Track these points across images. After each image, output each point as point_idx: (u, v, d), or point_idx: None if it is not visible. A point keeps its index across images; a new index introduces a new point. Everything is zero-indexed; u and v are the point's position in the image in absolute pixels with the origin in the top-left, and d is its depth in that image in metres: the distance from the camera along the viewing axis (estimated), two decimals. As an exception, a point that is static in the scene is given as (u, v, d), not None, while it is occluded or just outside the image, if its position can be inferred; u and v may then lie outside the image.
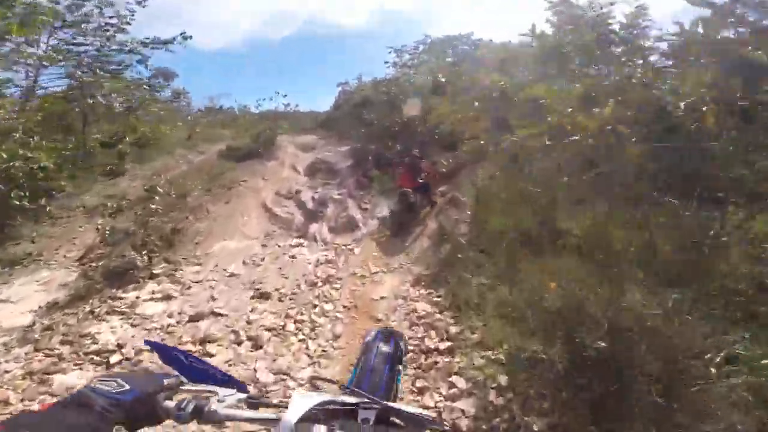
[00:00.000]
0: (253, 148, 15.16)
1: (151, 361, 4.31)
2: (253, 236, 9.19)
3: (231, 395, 0.93)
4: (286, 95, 24.79)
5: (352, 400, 0.95)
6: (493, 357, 3.88)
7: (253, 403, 0.94)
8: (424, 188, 8.90)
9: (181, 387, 0.94)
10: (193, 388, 0.95)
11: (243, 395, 0.95)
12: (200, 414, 0.86)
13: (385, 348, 1.67)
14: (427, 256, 7.53)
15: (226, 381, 1.10)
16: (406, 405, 1.12)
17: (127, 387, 0.79)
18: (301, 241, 9.05)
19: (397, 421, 0.95)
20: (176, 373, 0.98)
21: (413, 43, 18.48)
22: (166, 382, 0.90)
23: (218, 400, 0.90)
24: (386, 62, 17.25)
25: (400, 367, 1.68)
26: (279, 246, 8.75)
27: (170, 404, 0.86)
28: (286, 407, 0.85)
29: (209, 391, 0.94)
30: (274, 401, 0.98)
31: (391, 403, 0.98)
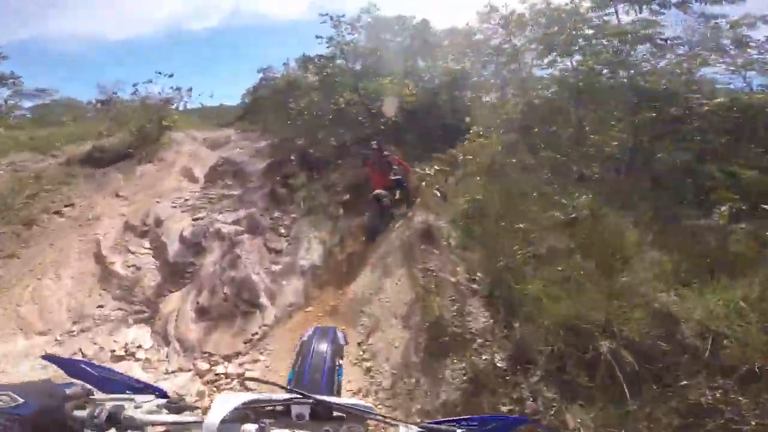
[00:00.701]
0: (130, 147, 10.59)
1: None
2: (43, 327, 4.61)
3: (149, 401, 0.85)
4: (171, 75, 15.81)
5: (282, 396, 0.89)
6: None
7: (174, 408, 0.85)
8: (399, 184, 6.73)
9: (90, 396, 0.83)
10: (106, 397, 0.86)
11: (162, 400, 0.87)
12: (116, 421, 0.77)
13: (322, 345, 1.61)
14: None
15: (143, 388, 0.97)
16: (342, 398, 1.00)
17: (22, 400, 0.70)
18: (140, 336, 4.55)
19: (341, 414, 0.90)
20: (80, 382, 0.86)
21: (357, 12, 14.33)
22: (69, 391, 0.79)
23: (135, 406, 0.82)
24: (319, 37, 13.27)
25: (340, 361, 1.63)
26: (84, 353, 4.28)
27: (81, 414, 0.77)
28: (206, 409, 0.80)
29: (125, 399, 0.85)
30: (196, 404, 0.92)
31: (323, 397, 0.90)
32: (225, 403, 0.79)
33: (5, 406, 0.68)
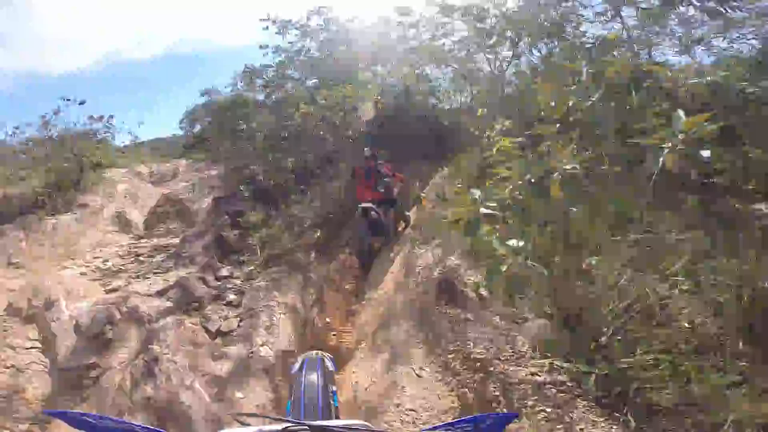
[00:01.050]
0: (42, 195, 8.53)
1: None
2: None
3: None
4: (83, 102, 12.23)
5: (278, 426, 0.89)
6: None
7: None
8: (390, 202, 5.57)
9: None
10: None
11: None
12: None
13: (312, 375, 1.60)
14: None
15: None
16: (336, 420, 1.03)
17: None
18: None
19: None
20: None
21: (306, 13, 12.39)
22: None
23: None
24: (264, 47, 11.43)
25: (334, 388, 1.60)
26: None
27: None
28: None
29: None
30: None
31: (318, 422, 0.92)
32: None
33: None
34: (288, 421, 0.89)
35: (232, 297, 4.37)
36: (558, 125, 3.11)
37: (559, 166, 2.41)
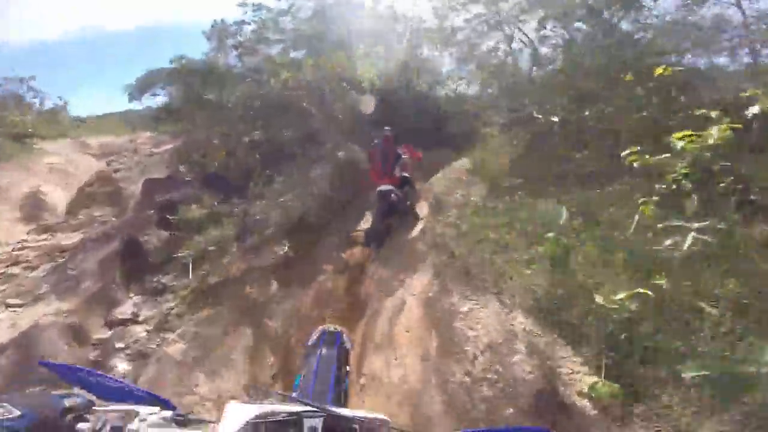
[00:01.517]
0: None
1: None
2: None
3: (154, 413, 0.73)
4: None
5: (295, 408, 0.79)
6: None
7: (182, 420, 0.75)
8: (405, 181, 4.59)
9: (91, 408, 0.73)
10: (108, 408, 0.74)
11: (168, 413, 0.75)
12: None
13: (328, 351, 1.49)
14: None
15: (147, 398, 0.86)
16: (355, 410, 0.86)
17: (18, 412, 0.62)
18: None
19: (355, 426, 0.80)
20: (80, 392, 0.77)
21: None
22: (68, 402, 0.70)
23: (140, 419, 0.71)
24: (242, 4, 9.09)
25: (347, 368, 1.51)
26: None
27: (83, 427, 0.68)
28: (214, 422, 0.73)
29: (129, 411, 0.73)
30: (206, 417, 0.85)
31: (339, 410, 0.83)
32: (237, 415, 0.71)
33: (1, 419, 0.61)
34: (307, 404, 0.77)
35: (122, 367, 2.35)
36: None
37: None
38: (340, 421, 0.80)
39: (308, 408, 0.78)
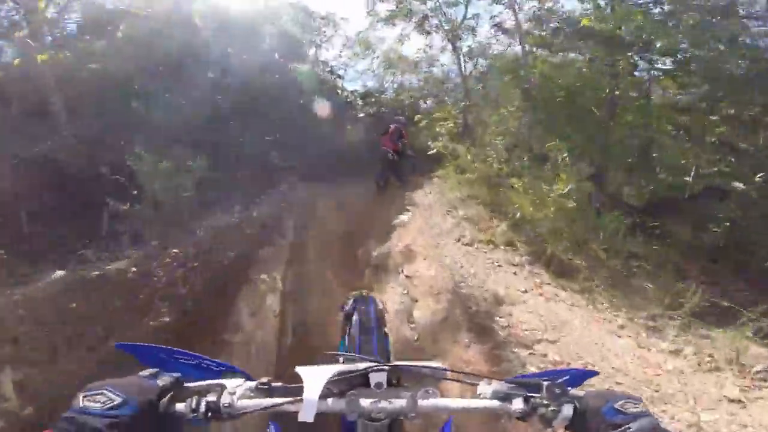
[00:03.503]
0: None
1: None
2: None
3: (240, 385, 0.73)
4: None
5: (362, 365, 0.80)
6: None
7: (266, 390, 0.75)
8: (403, 155, 7.62)
9: (185, 385, 0.71)
10: (194, 385, 0.73)
11: (252, 383, 0.76)
12: (218, 412, 0.67)
13: (365, 314, 1.57)
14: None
15: (226, 370, 0.87)
16: (417, 361, 0.87)
17: (119, 399, 0.59)
18: None
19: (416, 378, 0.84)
20: (167, 371, 0.71)
21: None
22: (160, 383, 0.66)
23: (229, 392, 0.70)
24: None
25: (386, 329, 1.57)
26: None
27: (180, 408, 0.66)
28: (299, 387, 0.71)
29: (215, 385, 0.73)
30: (282, 385, 0.77)
31: (396, 362, 0.84)
32: (316, 377, 0.72)
33: (103, 408, 0.57)
34: (369, 361, 0.81)
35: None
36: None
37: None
38: (402, 373, 0.84)
39: (373, 363, 0.80)
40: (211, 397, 0.68)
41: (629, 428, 0.61)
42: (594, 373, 1.08)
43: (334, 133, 9.60)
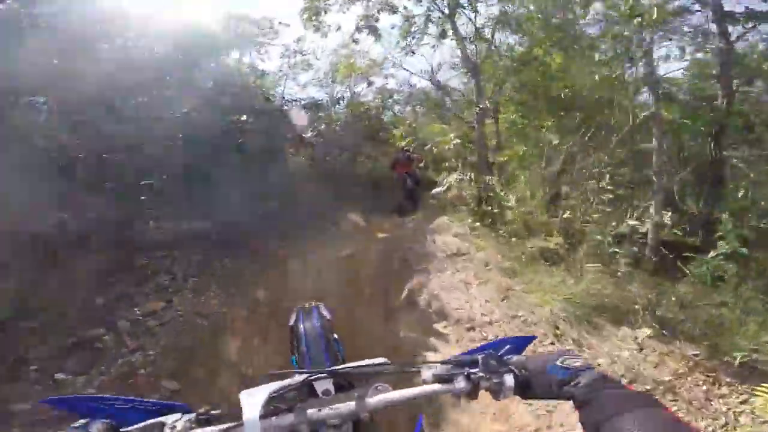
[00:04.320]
0: None
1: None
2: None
3: (178, 419, 0.70)
4: None
5: (300, 377, 0.79)
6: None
7: (205, 419, 0.70)
8: (416, 180, 7.29)
9: (121, 431, 0.68)
10: (131, 429, 0.69)
11: (191, 415, 0.71)
12: None
13: (309, 324, 1.52)
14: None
15: (162, 408, 0.77)
16: (356, 362, 0.85)
17: None
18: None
19: (362, 378, 0.79)
20: (95, 419, 0.68)
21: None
22: (95, 431, 0.64)
23: (170, 429, 0.68)
24: None
25: (335, 335, 1.51)
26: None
27: None
28: (239, 413, 0.67)
29: (153, 425, 0.70)
30: (222, 413, 0.73)
31: (336, 367, 0.83)
32: (254, 398, 0.68)
33: None
34: (306, 373, 0.79)
35: None
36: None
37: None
38: (345, 376, 0.80)
39: (309, 374, 0.78)
40: None
41: (578, 382, 0.60)
42: (533, 338, 0.97)
43: (268, 169, 6.06)
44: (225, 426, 0.66)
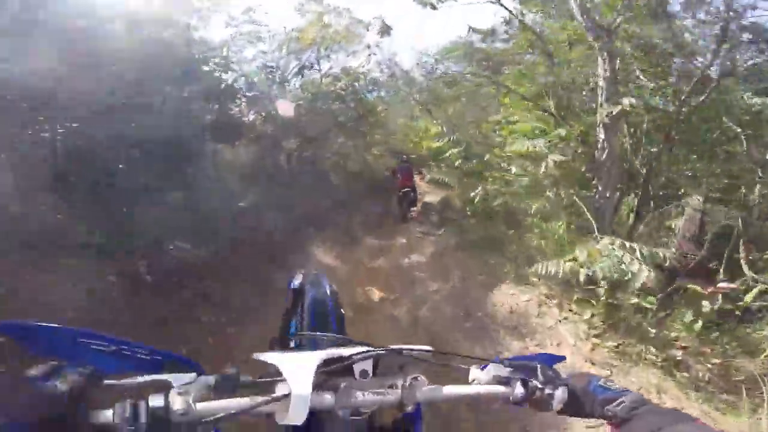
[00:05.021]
0: None
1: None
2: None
3: (191, 382, 0.49)
4: None
5: (350, 350, 0.61)
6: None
7: (230, 386, 0.51)
8: (414, 191, 7.30)
9: (106, 383, 0.46)
10: (122, 382, 0.48)
11: (210, 378, 0.51)
12: (164, 420, 0.43)
13: (319, 290, 1.31)
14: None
15: (164, 360, 0.52)
16: (398, 345, 0.68)
17: None
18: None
19: (400, 364, 0.66)
20: (72, 365, 0.45)
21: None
22: (64, 386, 0.41)
23: (178, 392, 0.45)
24: None
25: (342, 311, 1.30)
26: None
27: (104, 419, 0.42)
28: (273, 380, 0.51)
29: (154, 382, 0.49)
30: (247, 378, 0.53)
31: (391, 346, 0.65)
32: (300, 368, 0.51)
33: None
34: (353, 344, 0.64)
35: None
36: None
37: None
38: (387, 358, 0.64)
39: (364, 348, 0.62)
40: (156, 401, 0.43)
41: (623, 402, 0.59)
42: (562, 358, 0.90)
43: (178, 177, 3.53)
44: (264, 398, 0.49)
